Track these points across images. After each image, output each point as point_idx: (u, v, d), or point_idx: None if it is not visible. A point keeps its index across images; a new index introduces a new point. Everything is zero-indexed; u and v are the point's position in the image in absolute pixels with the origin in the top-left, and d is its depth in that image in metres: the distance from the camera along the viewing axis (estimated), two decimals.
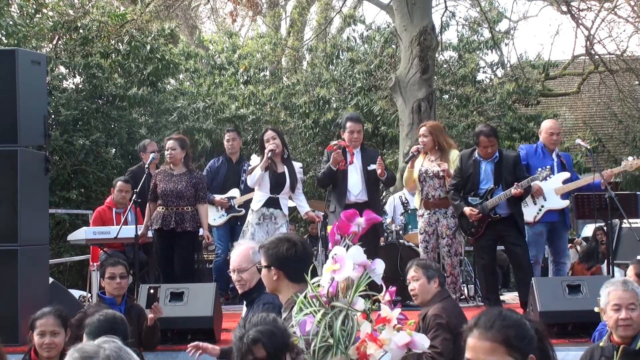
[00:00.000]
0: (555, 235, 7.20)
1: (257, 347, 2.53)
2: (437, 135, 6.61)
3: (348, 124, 6.72)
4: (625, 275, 5.07)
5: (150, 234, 6.98)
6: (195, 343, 4.04)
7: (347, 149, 6.51)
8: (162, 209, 6.80)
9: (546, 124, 7.30)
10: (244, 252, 3.97)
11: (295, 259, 3.26)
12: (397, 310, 2.86)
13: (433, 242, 6.57)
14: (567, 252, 7.61)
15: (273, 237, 3.45)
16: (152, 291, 5.17)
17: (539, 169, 6.38)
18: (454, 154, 6.61)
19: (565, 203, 7.04)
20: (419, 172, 6.63)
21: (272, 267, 3.27)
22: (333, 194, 6.73)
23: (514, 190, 6.16)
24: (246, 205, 7.68)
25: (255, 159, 6.83)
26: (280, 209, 6.68)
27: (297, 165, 6.98)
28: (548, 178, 6.52)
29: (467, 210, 6.33)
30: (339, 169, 6.53)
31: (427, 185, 6.60)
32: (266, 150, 6.61)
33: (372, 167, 6.56)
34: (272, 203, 6.67)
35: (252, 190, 7.11)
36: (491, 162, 6.37)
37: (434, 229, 6.57)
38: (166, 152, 6.93)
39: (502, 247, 7.05)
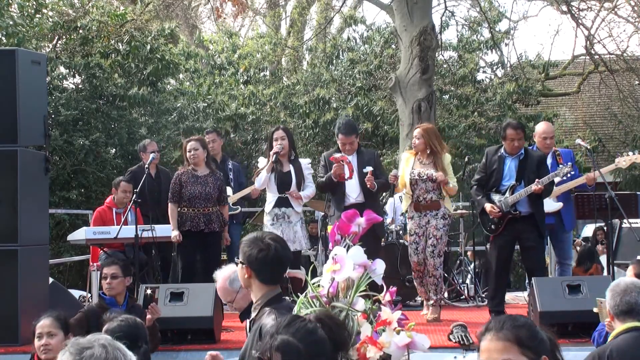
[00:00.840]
0: (555, 238, 7.18)
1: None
2: (430, 137, 6.52)
3: (340, 137, 6.66)
4: (625, 276, 5.07)
5: (154, 234, 6.93)
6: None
7: (347, 165, 6.45)
8: (189, 210, 6.78)
9: (539, 128, 7.26)
10: (221, 287, 3.97)
11: (267, 261, 3.21)
12: (398, 312, 2.86)
13: (423, 243, 6.54)
14: (570, 254, 7.58)
15: (252, 234, 3.41)
16: (149, 292, 5.16)
17: (560, 165, 6.38)
18: (448, 158, 6.58)
19: (559, 205, 7.02)
20: (411, 176, 6.53)
21: (244, 265, 3.26)
22: (332, 197, 6.77)
23: (534, 186, 6.14)
24: (240, 202, 7.70)
25: (262, 161, 6.89)
26: (292, 207, 6.74)
27: (305, 162, 7.04)
28: (569, 174, 6.49)
29: (487, 206, 6.34)
30: (339, 181, 6.53)
31: (419, 189, 6.50)
32: (271, 153, 6.70)
33: (367, 169, 6.51)
34: (282, 202, 6.74)
35: (244, 187, 7.16)
36: (516, 159, 6.37)
37: (424, 231, 6.52)
38: (188, 154, 6.89)
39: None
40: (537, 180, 6.16)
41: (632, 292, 3.64)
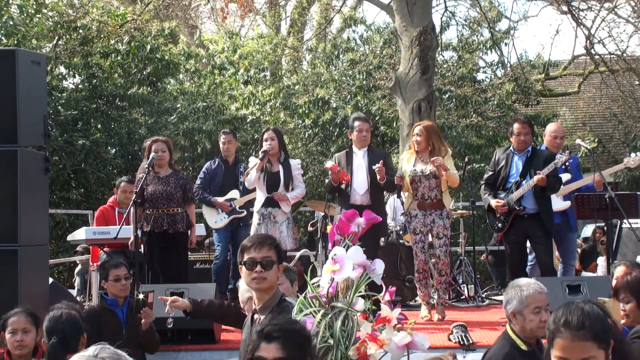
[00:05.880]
0: (561, 237, 7.16)
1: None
2: (431, 135, 6.41)
3: (356, 123, 6.68)
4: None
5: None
6: (172, 298, 4.31)
7: (340, 174, 6.44)
8: (152, 210, 6.77)
9: (550, 127, 7.31)
10: None
11: None
12: (397, 310, 2.86)
13: (428, 242, 6.52)
14: (575, 254, 7.56)
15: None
16: (141, 297, 5.09)
17: (558, 155, 6.38)
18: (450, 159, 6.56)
19: (567, 204, 7.01)
20: (413, 174, 6.44)
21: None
22: (340, 195, 6.76)
23: (536, 178, 6.11)
24: (247, 206, 7.67)
25: (253, 161, 6.89)
26: (279, 208, 6.73)
27: (294, 163, 7.03)
28: (568, 163, 6.48)
29: (493, 202, 6.30)
30: (341, 183, 6.53)
31: (423, 186, 6.40)
32: (260, 152, 6.74)
33: (375, 166, 6.47)
34: (270, 203, 6.74)
35: (252, 191, 7.14)
36: (523, 156, 6.36)
37: (429, 229, 6.46)
38: (155, 154, 6.84)
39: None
40: (538, 172, 6.13)
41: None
